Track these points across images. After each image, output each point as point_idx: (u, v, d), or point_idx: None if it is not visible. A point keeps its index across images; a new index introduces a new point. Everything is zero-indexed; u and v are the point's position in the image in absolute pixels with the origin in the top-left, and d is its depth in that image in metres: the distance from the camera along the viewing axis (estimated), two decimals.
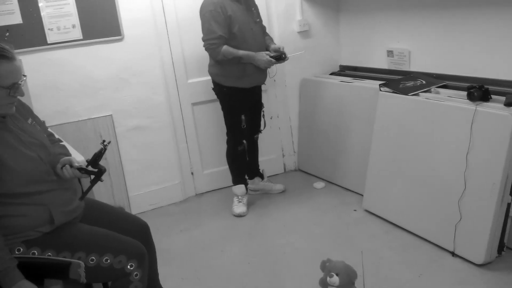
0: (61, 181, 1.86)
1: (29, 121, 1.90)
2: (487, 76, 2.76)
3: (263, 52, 3.12)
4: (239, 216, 3.34)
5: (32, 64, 3.00)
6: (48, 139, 1.97)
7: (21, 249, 1.74)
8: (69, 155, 1.99)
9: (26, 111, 1.93)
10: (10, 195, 1.72)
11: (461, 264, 2.48)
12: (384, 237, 2.85)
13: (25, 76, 1.78)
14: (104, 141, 1.85)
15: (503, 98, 2.46)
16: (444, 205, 2.60)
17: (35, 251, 1.75)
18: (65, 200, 1.85)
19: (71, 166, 1.82)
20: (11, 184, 1.71)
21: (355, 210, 3.23)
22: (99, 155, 1.83)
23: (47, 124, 2.65)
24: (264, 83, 3.37)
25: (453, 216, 2.54)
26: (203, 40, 3.07)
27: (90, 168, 1.83)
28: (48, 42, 3.08)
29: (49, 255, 1.75)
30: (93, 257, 1.77)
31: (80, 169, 1.83)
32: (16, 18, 2.96)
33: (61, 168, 1.83)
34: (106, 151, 1.86)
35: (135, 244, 1.87)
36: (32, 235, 1.76)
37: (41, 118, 2.45)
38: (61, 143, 2.08)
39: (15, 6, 2.94)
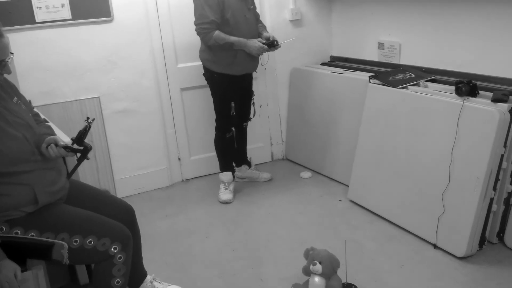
0: (46, 161, 1.83)
1: (15, 100, 1.86)
2: (475, 72, 2.78)
3: (256, 39, 3.10)
4: (225, 203, 3.34)
5: (20, 43, 2.95)
6: (33, 119, 1.94)
7: (4, 228, 1.73)
8: (54, 132, 1.97)
9: (12, 90, 1.90)
10: None
11: (442, 256, 2.52)
12: (367, 228, 2.88)
13: (12, 53, 1.74)
14: (88, 118, 1.83)
15: (490, 94, 2.49)
16: (428, 198, 2.63)
17: (18, 231, 1.74)
18: (49, 180, 1.83)
19: (56, 145, 1.79)
20: None
21: (340, 200, 3.26)
22: (84, 132, 1.80)
23: (33, 104, 2.62)
24: (255, 71, 3.36)
25: (436, 209, 2.57)
26: (195, 24, 3.04)
27: (75, 146, 1.80)
28: (36, 21, 3.02)
29: (32, 235, 1.74)
30: (77, 239, 1.76)
31: (65, 147, 1.80)
32: None
33: (46, 147, 1.80)
34: (92, 131, 1.83)
35: (119, 227, 1.87)
36: (16, 215, 1.74)
37: (27, 97, 2.42)
38: (46, 123, 2.06)
39: None
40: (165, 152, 3.67)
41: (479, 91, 2.55)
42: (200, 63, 3.25)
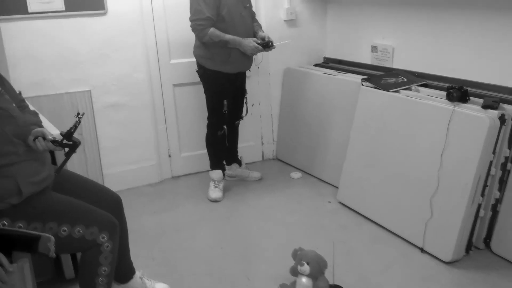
0: (29, 152, 1.79)
1: None
2: (467, 78, 2.80)
3: (250, 38, 3.09)
4: (215, 201, 3.33)
5: (11, 33, 2.92)
6: (18, 105, 1.88)
7: None
8: (41, 123, 1.93)
9: None
10: None
11: (429, 260, 2.54)
12: (356, 230, 2.89)
13: None
14: (78, 113, 1.80)
15: (481, 101, 2.51)
16: (416, 202, 2.65)
17: (5, 222, 1.71)
18: (33, 171, 1.80)
19: (44, 138, 1.76)
20: None
21: (329, 202, 3.26)
22: (73, 127, 1.78)
23: (24, 96, 2.58)
24: (249, 70, 3.35)
25: (424, 213, 2.59)
26: (190, 20, 3.02)
27: (64, 141, 1.78)
28: (29, 11, 2.98)
29: (20, 226, 1.72)
30: (65, 228, 1.75)
31: (53, 141, 1.77)
32: None
33: (34, 140, 1.76)
34: (82, 124, 1.81)
35: (107, 216, 1.86)
36: (1, 206, 1.72)
37: (17, 88, 2.39)
38: (32, 109, 2.00)
39: None
40: (156, 148, 3.65)
41: (470, 97, 2.57)
42: (194, 59, 3.23)
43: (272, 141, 4.11)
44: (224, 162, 3.52)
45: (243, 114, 3.51)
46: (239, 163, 3.67)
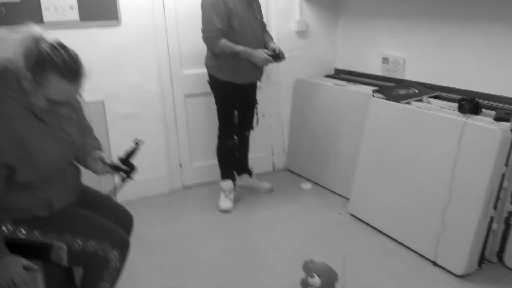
0: (73, 172, 1.85)
1: (67, 111, 1.81)
2: (479, 90, 2.79)
3: (261, 49, 3.11)
4: (225, 211, 3.33)
5: None
6: (80, 126, 1.92)
7: (8, 226, 1.71)
8: (101, 148, 1.98)
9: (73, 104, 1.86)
10: (19, 182, 1.67)
11: (441, 274, 2.51)
12: (367, 242, 2.87)
13: (81, 98, 1.71)
14: (136, 139, 1.85)
15: (493, 113, 2.49)
16: (429, 214, 2.63)
17: (23, 229, 1.73)
18: (69, 190, 1.84)
19: (103, 162, 1.81)
20: (24, 175, 1.65)
21: (340, 214, 3.25)
22: (131, 153, 1.84)
23: None
24: (259, 80, 3.37)
25: (436, 226, 2.56)
26: (202, 31, 3.05)
27: (121, 165, 1.83)
28: (45, 21, 3.04)
29: (36, 235, 1.73)
30: (79, 241, 1.76)
31: (111, 166, 1.82)
32: None
33: (93, 162, 1.83)
34: (94, 133, 1.84)
35: (120, 233, 1.87)
36: (23, 215, 1.73)
37: None
38: (93, 134, 2.05)
39: None
40: (167, 158, 3.67)
41: (482, 109, 2.56)
42: (205, 70, 3.26)
43: (282, 152, 4.11)
44: (235, 173, 3.53)
45: (254, 124, 3.52)
46: (250, 173, 3.67)
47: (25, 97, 1.61)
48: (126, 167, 1.84)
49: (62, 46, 1.63)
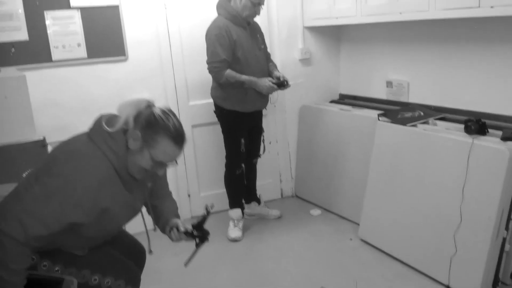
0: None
1: (151, 184, 1.91)
2: (484, 110, 2.80)
3: (266, 78, 3.16)
4: (234, 240, 3.32)
5: (35, 80, 3.02)
6: (155, 187, 1.97)
7: (34, 259, 1.71)
8: (177, 211, 2.05)
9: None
10: (74, 229, 1.67)
11: None
12: (379, 267, 2.84)
13: (177, 163, 1.77)
14: (207, 206, 1.91)
15: (499, 133, 2.49)
16: (440, 237, 2.60)
17: (46, 264, 1.74)
18: (105, 236, 1.87)
19: (178, 229, 1.90)
20: (86, 231, 1.68)
21: (351, 239, 3.22)
22: (203, 220, 1.91)
23: (47, 141, 2.64)
24: (265, 108, 3.40)
25: (448, 248, 2.53)
26: (207, 63, 3.11)
27: (195, 232, 1.92)
28: (53, 59, 3.12)
29: (57, 270, 1.74)
30: (96, 277, 1.79)
31: (185, 233, 1.91)
32: (22, 35, 3.00)
33: (169, 231, 1.93)
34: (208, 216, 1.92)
35: (135, 272, 1.92)
36: (53, 248, 1.74)
37: (41, 134, 2.46)
38: (170, 193, 2.11)
39: (22, 23, 2.99)
40: (175, 188, 3.68)
41: (489, 130, 2.56)
42: (211, 100, 3.31)
43: (290, 179, 4.11)
44: (243, 201, 3.53)
45: (261, 152, 3.54)
46: (258, 201, 3.67)
47: (124, 159, 1.66)
48: (199, 233, 1.92)
49: (172, 113, 1.71)
